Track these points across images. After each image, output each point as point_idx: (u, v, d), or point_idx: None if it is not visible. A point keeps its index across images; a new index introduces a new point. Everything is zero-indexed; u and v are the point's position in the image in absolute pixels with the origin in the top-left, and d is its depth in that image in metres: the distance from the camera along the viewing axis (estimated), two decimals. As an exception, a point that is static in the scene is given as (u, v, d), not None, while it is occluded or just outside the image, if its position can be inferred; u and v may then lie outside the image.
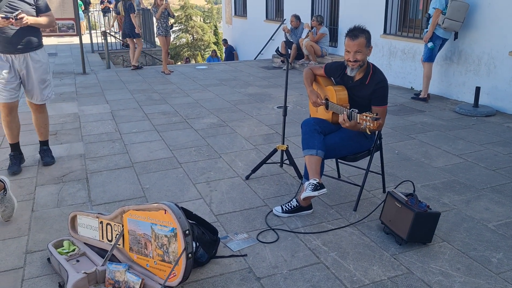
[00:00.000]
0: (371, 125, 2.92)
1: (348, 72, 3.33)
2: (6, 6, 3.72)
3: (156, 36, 10.31)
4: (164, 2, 9.54)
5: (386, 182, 3.73)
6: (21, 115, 4.29)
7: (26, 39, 3.89)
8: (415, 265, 2.70)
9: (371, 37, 3.31)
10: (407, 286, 2.51)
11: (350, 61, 3.25)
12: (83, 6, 17.25)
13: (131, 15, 9.73)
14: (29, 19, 3.72)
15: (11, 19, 3.60)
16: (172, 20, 9.92)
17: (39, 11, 3.92)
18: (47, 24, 3.99)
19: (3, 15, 3.61)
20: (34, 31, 3.94)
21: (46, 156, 4.42)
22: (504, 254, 2.80)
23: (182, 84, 8.45)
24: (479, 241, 2.95)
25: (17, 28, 3.77)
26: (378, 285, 2.53)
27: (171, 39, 9.90)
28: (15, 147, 4.22)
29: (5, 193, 3.25)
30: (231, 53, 15.65)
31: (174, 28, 9.39)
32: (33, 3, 3.88)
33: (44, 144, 4.49)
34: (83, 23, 14.47)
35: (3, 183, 3.26)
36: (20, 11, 3.68)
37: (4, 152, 4.66)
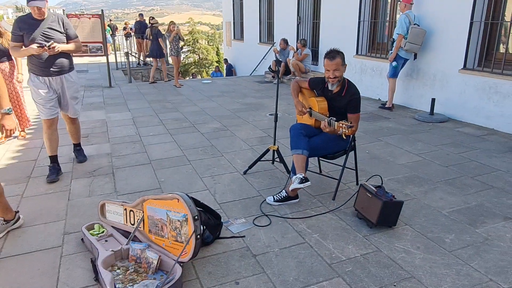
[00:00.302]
0: (346, 131, 2.95)
1: (329, 87, 3.34)
2: (41, 35, 3.63)
3: (169, 56, 10.27)
4: (175, 28, 9.52)
5: (359, 176, 3.73)
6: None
7: (60, 63, 3.80)
8: (383, 244, 2.71)
9: (346, 57, 3.33)
10: (376, 262, 2.52)
11: (330, 77, 3.26)
12: (110, 31, 17.20)
13: (159, 39, 9.72)
14: (60, 47, 3.65)
15: (45, 48, 3.54)
16: (182, 43, 9.87)
17: (69, 38, 3.82)
18: (75, 50, 3.88)
19: (38, 44, 3.55)
20: (66, 56, 3.86)
21: (79, 155, 4.43)
22: (455, 236, 2.82)
23: (190, 96, 8.43)
24: (435, 225, 2.97)
25: (51, 54, 3.69)
26: (353, 261, 2.53)
27: (181, 58, 9.86)
28: (54, 159, 4.00)
29: (5, 223, 2.90)
30: (230, 70, 15.64)
31: (183, 49, 9.34)
32: (63, 31, 3.78)
33: (77, 146, 4.48)
34: (110, 45, 14.39)
35: (17, 217, 3.00)
36: (52, 41, 3.60)
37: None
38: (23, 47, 3.65)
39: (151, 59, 10.54)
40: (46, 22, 3.66)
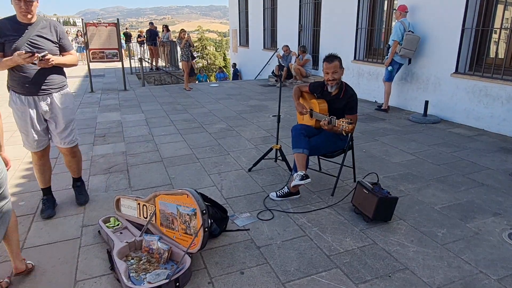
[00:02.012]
0: (346, 128, 2.94)
1: (329, 89, 3.34)
2: (27, 44, 2.68)
3: (180, 61, 10.26)
4: (186, 35, 9.52)
5: (356, 173, 3.72)
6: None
7: (50, 79, 2.83)
8: (378, 238, 2.70)
9: (344, 62, 3.34)
10: (372, 254, 2.51)
11: (329, 80, 3.27)
12: (124, 38, 17.27)
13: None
14: (55, 60, 2.75)
15: (36, 55, 2.62)
16: (192, 49, 9.86)
17: (62, 50, 2.89)
18: (71, 64, 2.93)
19: (27, 51, 2.62)
20: (58, 70, 2.88)
21: (80, 193, 3.30)
22: (447, 230, 2.80)
23: (199, 98, 8.44)
24: (428, 220, 2.95)
25: (42, 67, 2.74)
26: (350, 253, 2.53)
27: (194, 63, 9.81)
28: (48, 191, 3.17)
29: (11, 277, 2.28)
30: (236, 74, 15.65)
31: (194, 55, 9.32)
32: (56, 40, 2.83)
33: (77, 180, 3.34)
34: (124, 51, 14.45)
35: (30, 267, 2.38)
36: (46, 52, 2.68)
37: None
38: (2, 58, 2.66)
39: (163, 64, 10.50)
40: (34, 27, 2.72)
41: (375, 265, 2.39)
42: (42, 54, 2.66)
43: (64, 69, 2.99)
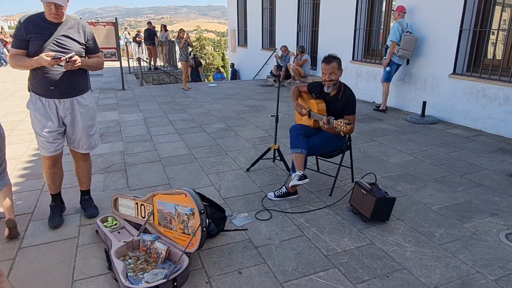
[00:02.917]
0: (344, 128, 2.94)
1: (325, 89, 3.34)
2: (54, 44, 2.57)
3: (179, 61, 10.25)
4: (185, 35, 9.52)
5: (354, 174, 3.72)
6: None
7: (74, 82, 2.71)
8: (376, 238, 2.70)
9: (342, 62, 3.34)
10: (370, 254, 2.51)
11: (326, 80, 3.27)
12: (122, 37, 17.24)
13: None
14: (82, 61, 2.64)
15: (62, 59, 2.51)
16: (190, 48, 9.86)
17: (89, 52, 2.79)
18: (96, 67, 2.82)
19: (54, 54, 2.51)
20: (82, 72, 2.78)
21: (89, 206, 3.10)
22: (444, 230, 2.81)
23: (197, 98, 8.43)
24: (425, 220, 2.95)
25: (64, 69, 2.62)
26: (348, 253, 2.53)
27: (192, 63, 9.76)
28: (57, 197, 3.02)
29: None
30: (234, 74, 15.63)
31: (191, 55, 9.31)
32: (83, 42, 2.72)
33: (85, 194, 3.16)
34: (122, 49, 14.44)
35: None
36: (73, 53, 2.57)
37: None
38: (24, 55, 2.58)
39: (162, 64, 10.50)
40: (62, 27, 2.62)
41: (373, 265, 2.40)
42: (69, 55, 2.53)
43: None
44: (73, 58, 2.55)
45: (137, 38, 16.16)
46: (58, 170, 2.93)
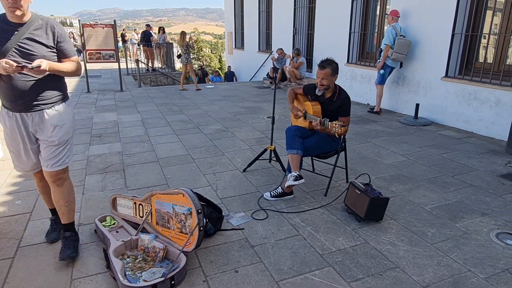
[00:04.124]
0: (339, 130, 2.95)
1: (316, 92, 3.36)
2: (16, 49, 2.15)
3: (180, 63, 10.15)
4: (187, 38, 9.49)
5: (349, 174, 3.74)
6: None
7: (44, 93, 2.28)
8: (370, 237, 2.72)
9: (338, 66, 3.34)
10: (364, 253, 2.53)
11: (318, 84, 3.31)
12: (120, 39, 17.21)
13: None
14: (50, 66, 2.18)
15: (23, 68, 2.09)
16: (179, 51, 9.69)
17: (62, 56, 2.32)
18: (71, 72, 2.33)
19: (15, 62, 2.07)
20: (56, 80, 2.33)
21: (67, 246, 2.47)
22: (436, 229, 2.83)
23: (194, 99, 8.43)
24: (418, 220, 2.98)
25: (34, 77, 2.22)
26: (342, 252, 2.54)
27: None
28: (55, 211, 2.66)
29: None
30: (232, 77, 15.59)
31: (182, 57, 9.25)
32: (53, 45, 2.26)
33: (67, 228, 2.56)
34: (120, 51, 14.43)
35: None
36: (38, 63, 2.11)
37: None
38: None
39: (160, 65, 10.43)
40: (26, 28, 2.19)
41: (367, 264, 2.41)
42: (34, 65, 2.10)
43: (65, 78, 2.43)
44: (39, 68, 2.11)
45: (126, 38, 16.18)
46: (47, 183, 2.54)
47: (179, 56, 9.60)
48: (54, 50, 2.29)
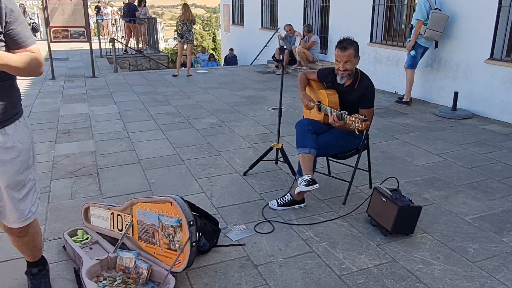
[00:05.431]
0: (360, 125, 2.95)
1: (338, 80, 3.35)
2: None
3: (180, 42, 10.09)
4: (185, 12, 9.52)
5: (372, 178, 3.75)
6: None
7: None
8: (398, 254, 2.73)
9: (359, 46, 3.34)
10: (391, 273, 2.54)
11: (340, 70, 3.27)
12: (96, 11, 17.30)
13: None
14: None
15: None
16: (185, 27, 9.67)
17: (14, 44, 1.83)
18: (28, 68, 1.84)
19: None
20: (4, 85, 1.87)
21: (36, 286, 2.33)
22: (479, 245, 2.84)
23: (183, 87, 8.45)
24: (457, 233, 2.99)
25: None
26: (365, 272, 2.56)
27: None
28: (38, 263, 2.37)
29: None
30: (234, 62, 15.38)
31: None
32: (0, 29, 1.78)
33: (33, 266, 2.36)
34: (93, 29, 14.48)
35: None
36: None
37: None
38: None
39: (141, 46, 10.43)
40: None
41: (395, 287, 2.42)
42: None
43: (17, 80, 1.97)
44: None
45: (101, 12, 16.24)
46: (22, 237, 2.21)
47: (181, 35, 9.58)
48: (1, 37, 1.80)
